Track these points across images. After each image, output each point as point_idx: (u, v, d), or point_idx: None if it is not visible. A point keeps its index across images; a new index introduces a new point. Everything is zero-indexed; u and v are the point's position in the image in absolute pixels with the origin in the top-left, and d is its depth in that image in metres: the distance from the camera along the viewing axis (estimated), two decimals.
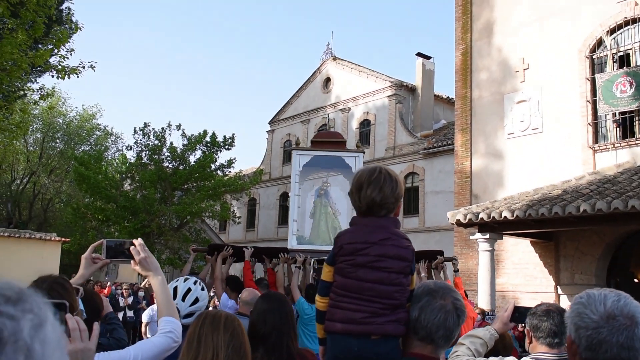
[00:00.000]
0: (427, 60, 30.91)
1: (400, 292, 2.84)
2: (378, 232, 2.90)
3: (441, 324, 2.74)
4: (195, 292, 4.05)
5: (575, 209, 12.76)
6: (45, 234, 21.58)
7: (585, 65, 16.52)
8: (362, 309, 2.82)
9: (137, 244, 2.81)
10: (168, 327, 2.75)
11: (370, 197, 2.86)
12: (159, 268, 2.87)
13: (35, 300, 0.80)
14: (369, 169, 2.97)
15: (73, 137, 39.43)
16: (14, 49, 11.40)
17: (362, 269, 2.85)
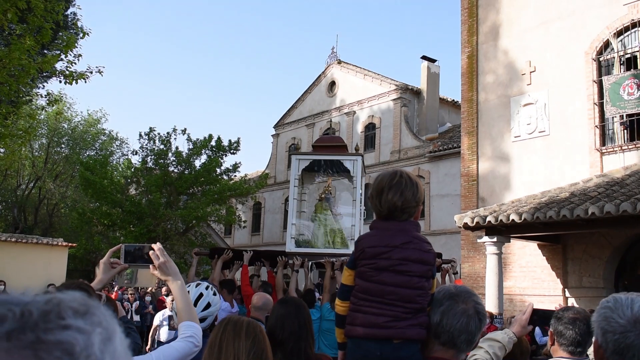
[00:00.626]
0: (432, 64, 30.91)
1: (422, 295, 2.84)
2: (400, 235, 2.89)
3: (463, 328, 2.73)
4: (207, 297, 4.04)
5: (584, 211, 12.72)
6: (52, 239, 21.61)
7: (592, 68, 16.49)
8: (384, 313, 2.81)
9: (156, 248, 2.79)
10: (189, 332, 2.74)
11: (392, 201, 2.86)
12: (178, 273, 2.86)
13: (102, 312, 0.79)
14: (389, 173, 2.96)
15: (78, 142, 39.53)
16: (22, 55, 11.43)
17: (384, 273, 2.85)
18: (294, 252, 9.27)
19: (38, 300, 0.76)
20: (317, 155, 10.97)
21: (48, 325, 0.72)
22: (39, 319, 0.73)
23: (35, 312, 0.73)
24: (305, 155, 10.79)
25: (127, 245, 2.90)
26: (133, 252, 2.87)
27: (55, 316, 0.74)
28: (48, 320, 0.73)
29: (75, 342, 0.72)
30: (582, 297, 15.87)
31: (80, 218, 28.61)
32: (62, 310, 0.75)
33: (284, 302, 3.83)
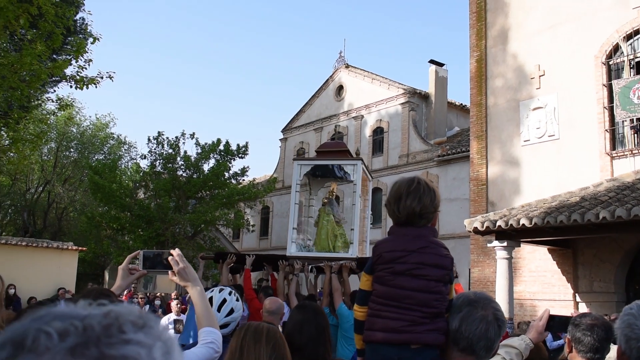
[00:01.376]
0: (440, 68, 30.87)
1: (439, 300, 2.85)
2: (417, 240, 2.92)
3: (483, 334, 2.73)
4: (230, 303, 4.04)
5: (595, 216, 12.69)
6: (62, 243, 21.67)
7: (602, 72, 16.46)
8: (402, 317, 2.82)
9: (175, 254, 2.77)
10: (209, 338, 2.74)
11: (410, 207, 2.88)
12: (198, 278, 2.84)
13: (159, 325, 0.79)
14: (407, 179, 2.99)
15: (87, 146, 39.64)
16: (33, 60, 11.49)
17: (402, 277, 2.86)
18: (294, 256, 9.35)
19: (96, 313, 0.76)
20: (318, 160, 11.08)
21: (111, 339, 0.72)
22: (101, 333, 0.72)
23: (97, 327, 0.73)
24: (306, 161, 10.93)
25: (145, 251, 2.89)
26: (152, 258, 2.86)
27: (117, 330, 0.73)
28: (110, 334, 0.73)
29: (139, 357, 0.72)
30: (592, 302, 15.81)
31: (89, 222, 28.66)
32: (123, 324, 0.75)
33: (302, 307, 3.83)
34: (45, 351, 0.70)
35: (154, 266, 2.86)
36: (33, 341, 0.70)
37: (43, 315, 0.75)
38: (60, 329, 0.71)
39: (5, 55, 11.92)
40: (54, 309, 0.76)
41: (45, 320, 0.73)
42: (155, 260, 2.85)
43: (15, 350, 0.71)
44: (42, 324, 0.72)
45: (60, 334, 0.71)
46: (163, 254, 2.84)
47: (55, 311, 0.76)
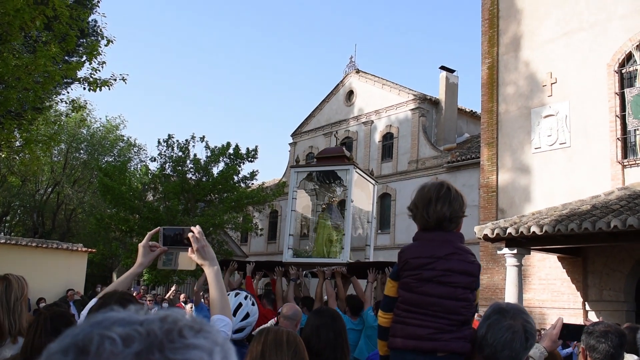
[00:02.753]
0: (451, 74, 30.85)
1: (466, 307, 2.83)
2: (444, 246, 2.91)
3: (507, 343, 2.71)
4: (246, 307, 4.04)
5: (606, 224, 12.63)
6: (72, 244, 21.71)
7: (614, 80, 16.41)
8: (428, 325, 2.80)
9: (196, 231, 2.72)
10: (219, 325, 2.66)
11: (441, 212, 2.88)
12: (215, 259, 2.79)
13: (215, 330, 0.79)
14: (434, 184, 2.98)
15: (97, 148, 39.75)
16: (47, 62, 11.55)
17: (429, 284, 2.85)
18: (290, 262, 9.51)
19: (154, 318, 0.76)
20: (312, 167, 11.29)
21: (174, 344, 0.72)
22: (164, 338, 0.72)
23: (159, 332, 0.73)
24: (302, 168, 11.10)
25: (165, 228, 2.85)
26: (172, 236, 2.81)
27: (178, 335, 0.73)
28: (172, 339, 0.73)
29: None
30: (602, 311, 15.73)
31: (98, 224, 28.72)
32: (182, 329, 0.75)
33: (319, 312, 3.83)
34: (110, 357, 0.70)
35: (174, 243, 2.81)
36: (98, 347, 0.70)
37: (102, 321, 0.74)
38: (124, 335, 0.71)
39: (20, 56, 11.98)
40: (112, 314, 0.76)
41: (105, 325, 0.73)
42: (176, 237, 2.81)
43: (80, 356, 0.70)
44: (104, 329, 0.72)
45: (124, 340, 0.71)
46: (183, 231, 2.79)
47: (113, 316, 0.76)
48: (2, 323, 3.68)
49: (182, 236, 2.78)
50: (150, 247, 2.88)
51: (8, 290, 3.76)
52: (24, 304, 3.92)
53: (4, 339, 3.68)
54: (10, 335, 3.71)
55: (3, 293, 3.74)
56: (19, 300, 3.84)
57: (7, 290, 3.77)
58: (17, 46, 12.29)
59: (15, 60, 11.58)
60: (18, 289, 3.83)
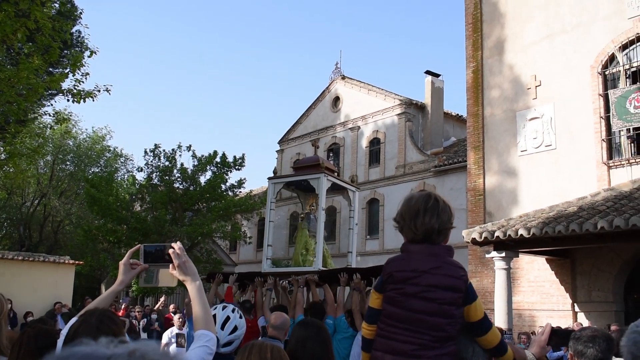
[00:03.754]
0: (436, 78, 30.93)
1: (451, 324, 2.76)
2: (429, 260, 2.83)
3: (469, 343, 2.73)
4: (234, 321, 4.00)
5: (593, 226, 12.67)
6: (59, 257, 21.53)
7: (598, 81, 16.51)
8: (411, 341, 2.75)
9: (176, 247, 2.71)
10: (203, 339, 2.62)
11: (429, 224, 2.81)
12: (197, 274, 2.77)
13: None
14: (422, 196, 2.92)
15: (83, 159, 39.51)
16: (30, 74, 11.47)
17: (412, 299, 2.79)
18: (268, 273, 9.70)
19: (121, 353, 0.73)
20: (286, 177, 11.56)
21: None
22: None
23: None
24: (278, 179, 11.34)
25: (146, 245, 2.83)
26: (153, 253, 2.80)
27: None
28: None
29: None
30: (591, 312, 15.80)
31: (85, 235, 28.54)
32: None
33: (305, 324, 3.80)
34: None
35: (155, 260, 2.79)
36: None
37: (68, 357, 0.72)
38: None
39: (2, 69, 11.89)
40: (78, 350, 0.73)
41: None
42: (157, 254, 2.79)
43: None
44: None
45: None
46: (164, 247, 2.78)
47: (79, 352, 0.73)
48: None
49: (163, 252, 2.76)
50: (131, 265, 2.85)
51: None
52: (3, 321, 3.85)
53: None
54: None
55: None
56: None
57: None
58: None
59: None
60: None
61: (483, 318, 2.83)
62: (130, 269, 2.84)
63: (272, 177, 11.27)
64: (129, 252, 2.89)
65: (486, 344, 2.80)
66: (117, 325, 2.49)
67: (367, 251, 29.09)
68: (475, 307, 2.83)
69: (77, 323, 2.46)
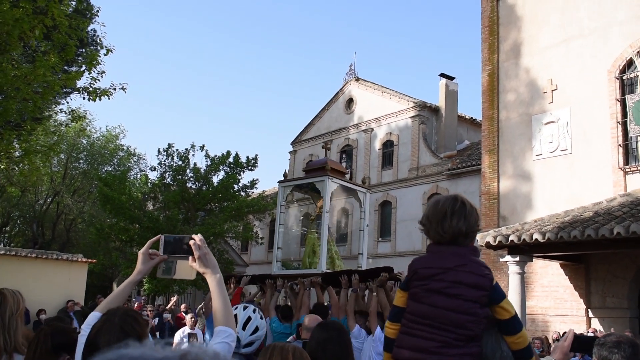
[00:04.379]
0: (451, 81, 30.84)
1: (474, 322, 2.75)
2: (455, 258, 2.85)
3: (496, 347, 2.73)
4: (255, 321, 3.98)
5: (609, 231, 12.56)
6: (72, 255, 21.59)
7: (615, 86, 16.37)
8: (434, 338, 2.74)
9: (197, 238, 2.67)
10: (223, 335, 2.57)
11: (457, 227, 2.83)
12: (217, 267, 2.71)
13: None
14: (448, 198, 2.93)
15: (96, 157, 39.69)
16: (47, 72, 11.49)
17: (436, 295, 2.80)
18: (277, 275, 9.79)
19: (172, 356, 0.69)
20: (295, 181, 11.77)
21: None
22: None
23: None
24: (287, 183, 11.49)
25: (166, 235, 2.80)
26: (173, 243, 2.75)
27: None
28: None
29: None
30: (605, 318, 15.66)
31: (98, 233, 28.62)
32: None
33: (325, 326, 3.75)
34: None
35: (175, 251, 2.74)
36: None
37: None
38: None
39: (19, 66, 11.93)
40: (128, 352, 0.70)
41: None
42: (176, 245, 2.75)
43: None
44: None
45: None
46: (184, 238, 2.73)
47: (130, 354, 0.69)
48: None
49: (183, 244, 2.72)
50: (150, 255, 2.81)
51: (3, 306, 3.68)
52: (19, 319, 3.83)
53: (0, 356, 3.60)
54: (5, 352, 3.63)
55: None
56: (14, 316, 3.76)
57: (1, 305, 3.68)
58: (15, 56, 12.24)
59: (14, 71, 11.52)
60: (13, 304, 3.75)
61: (513, 317, 2.82)
62: (149, 259, 2.80)
63: (282, 180, 11.35)
64: (149, 242, 2.85)
65: (515, 346, 2.78)
66: (140, 326, 2.45)
67: (379, 253, 29.03)
68: (504, 306, 2.83)
69: (99, 322, 2.42)
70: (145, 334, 2.51)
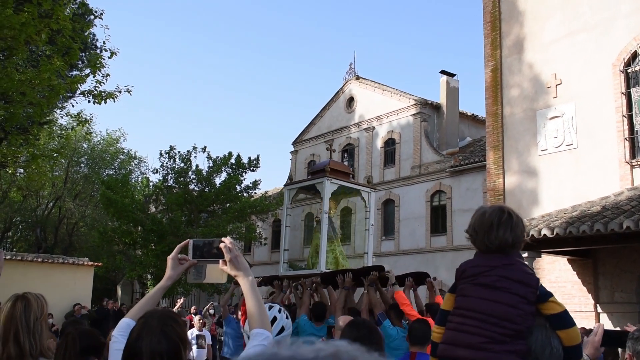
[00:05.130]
0: (451, 78, 30.82)
1: (522, 316, 2.76)
2: (502, 259, 2.90)
3: (546, 342, 2.72)
4: (280, 321, 3.94)
5: (618, 225, 12.52)
6: (78, 258, 21.61)
7: (620, 80, 16.32)
8: (481, 333, 2.75)
9: (227, 241, 2.63)
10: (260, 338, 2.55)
11: (503, 237, 2.88)
12: (249, 269, 2.68)
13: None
14: (494, 209, 3.01)
15: (97, 161, 39.71)
16: (52, 75, 11.46)
17: (484, 289, 2.85)
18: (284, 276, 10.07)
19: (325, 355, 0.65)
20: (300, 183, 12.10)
21: None
22: None
23: None
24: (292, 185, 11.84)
25: (195, 240, 2.77)
26: (202, 247, 2.72)
27: None
28: None
29: None
30: (614, 313, 15.62)
31: (101, 237, 28.63)
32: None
33: (356, 325, 3.70)
34: None
35: (204, 255, 2.72)
36: None
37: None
38: None
39: (24, 71, 11.89)
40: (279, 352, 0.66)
41: None
42: (206, 249, 2.72)
43: None
44: None
45: None
46: (214, 242, 2.71)
47: (280, 354, 0.65)
48: (22, 344, 3.56)
49: (213, 247, 2.69)
50: (180, 260, 2.78)
51: (27, 310, 3.64)
52: (44, 323, 3.80)
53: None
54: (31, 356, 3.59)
55: (22, 313, 3.61)
56: (39, 320, 3.73)
57: (26, 309, 3.64)
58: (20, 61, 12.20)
59: (19, 75, 11.49)
60: (37, 308, 3.72)
61: (564, 312, 2.85)
62: (179, 264, 2.77)
63: (288, 183, 11.71)
64: (178, 247, 2.82)
65: (568, 341, 2.75)
66: (180, 326, 2.42)
67: (382, 252, 28.99)
68: (555, 300, 2.87)
69: (138, 326, 2.37)
70: (185, 335, 2.47)
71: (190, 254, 2.74)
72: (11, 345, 3.47)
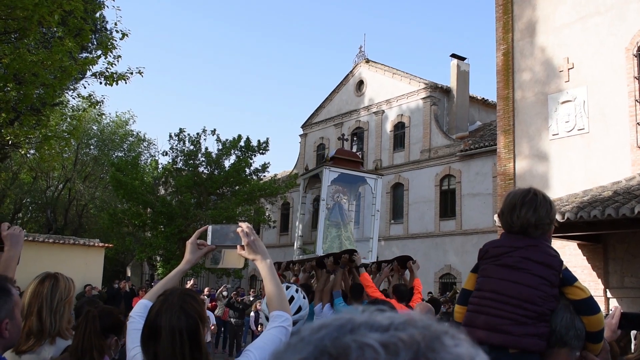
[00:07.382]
0: (462, 62, 30.65)
1: (543, 298, 2.75)
2: (525, 240, 2.89)
3: (570, 324, 2.70)
4: (298, 301, 3.95)
5: (630, 210, 12.47)
6: (89, 239, 21.71)
7: (633, 64, 16.18)
8: (503, 315, 2.74)
9: (244, 226, 2.66)
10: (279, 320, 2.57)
11: (525, 217, 2.87)
12: (267, 252, 2.71)
13: (466, 339, 0.68)
14: (522, 190, 2.98)
15: (107, 143, 39.79)
16: (64, 57, 11.46)
17: (506, 270, 2.84)
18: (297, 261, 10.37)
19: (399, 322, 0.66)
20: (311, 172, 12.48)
21: (438, 354, 0.62)
22: (427, 346, 0.63)
23: (420, 340, 0.63)
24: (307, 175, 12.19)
25: (213, 225, 2.81)
26: (220, 232, 2.76)
27: (439, 344, 0.64)
28: (434, 348, 0.63)
29: None
30: (624, 298, 15.60)
31: (111, 219, 28.76)
32: (442, 336, 0.65)
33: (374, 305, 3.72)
34: None
35: (222, 241, 2.75)
36: (357, 357, 0.60)
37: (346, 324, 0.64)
38: (385, 343, 0.61)
39: (36, 52, 11.90)
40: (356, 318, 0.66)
41: (359, 331, 0.63)
42: (223, 234, 2.75)
43: None
44: (359, 336, 0.62)
45: (386, 348, 0.61)
46: (231, 227, 2.74)
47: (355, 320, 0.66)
48: (44, 322, 3.61)
49: (230, 232, 2.72)
50: (198, 245, 2.81)
51: (54, 289, 3.70)
52: (67, 305, 3.85)
53: (44, 338, 3.61)
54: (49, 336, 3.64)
55: (49, 291, 3.67)
56: (63, 301, 3.77)
57: (53, 289, 3.70)
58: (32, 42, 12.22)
59: (32, 56, 11.49)
60: (64, 290, 3.76)
61: (590, 297, 2.83)
62: (198, 249, 2.81)
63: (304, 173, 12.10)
64: (197, 232, 2.85)
65: (590, 327, 2.74)
66: (199, 304, 2.44)
67: (391, 235, 29.04)
68: (579, 285, 2.84)
69: (158, 303, 2.40)
70: (204, 312, 2.50)
71: (209, 240, 2.77)
72: (33, 319, 3.53)
